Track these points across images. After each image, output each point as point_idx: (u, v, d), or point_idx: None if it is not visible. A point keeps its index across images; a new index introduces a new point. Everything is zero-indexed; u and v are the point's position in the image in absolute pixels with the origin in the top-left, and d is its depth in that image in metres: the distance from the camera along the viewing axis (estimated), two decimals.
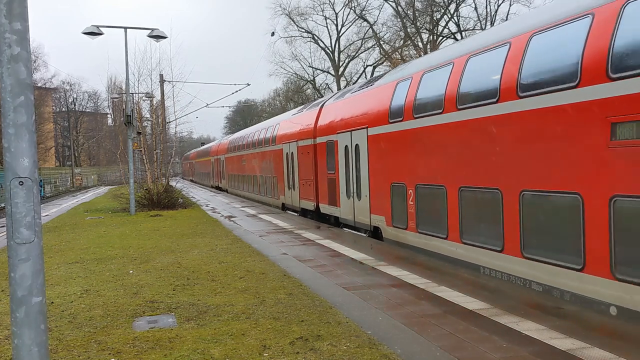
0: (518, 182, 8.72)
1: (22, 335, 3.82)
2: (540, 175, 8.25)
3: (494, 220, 9.26)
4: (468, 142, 10.17)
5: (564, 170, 7.78)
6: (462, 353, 5.64)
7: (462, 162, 10.36)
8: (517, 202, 8.68)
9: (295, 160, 21.75)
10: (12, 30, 3.75)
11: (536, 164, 8.32)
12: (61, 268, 11.24)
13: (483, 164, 9.70)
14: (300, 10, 53.80)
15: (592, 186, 7.20)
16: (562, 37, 7.94)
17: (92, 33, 22.84)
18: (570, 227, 7.53)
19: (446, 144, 10.90)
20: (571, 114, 7.57)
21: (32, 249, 3.84)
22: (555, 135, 7.94)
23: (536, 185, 8.33)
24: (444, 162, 11.04)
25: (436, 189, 11.22)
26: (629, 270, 6.64)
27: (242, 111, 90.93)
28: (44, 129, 66.77)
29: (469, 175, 10.14)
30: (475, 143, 9.92)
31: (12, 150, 3.77)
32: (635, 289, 6.53)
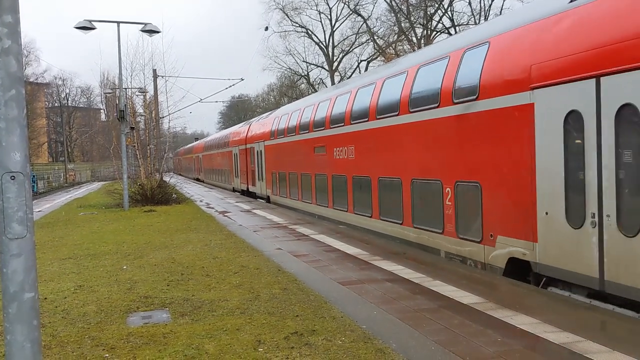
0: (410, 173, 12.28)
1: (14, 332, 3.79)
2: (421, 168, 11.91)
3: (398, 202, 12.66)
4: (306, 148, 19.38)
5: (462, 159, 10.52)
6: (457, 347, 5.65)
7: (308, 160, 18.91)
8: (407, 189, 12.27)
9: (238, 159, 33.27)
10: (2, 23, 3.70)
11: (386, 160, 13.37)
12: (54, 264, 11.18)
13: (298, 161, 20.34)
14: (294, 4, 53.69)
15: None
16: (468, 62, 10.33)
17: (84, 28, 22.68)
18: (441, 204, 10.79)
19: (295, 150, 20.48)
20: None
21: (24, 244, 3.80)
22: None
23: (422, 175, 11.77)
24: (297, 157, 20.41)
25: (296, 173, 20.81)
26: (463, 231, 10.13)
27: (236, 106, 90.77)
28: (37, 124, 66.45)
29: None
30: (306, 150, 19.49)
31: (3, 145, 3.73)
32: (464, 243, 10.04)
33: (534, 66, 8.26)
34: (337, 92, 17.52)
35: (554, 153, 7.84)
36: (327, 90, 22.04)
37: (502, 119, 8.95)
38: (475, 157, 9.77)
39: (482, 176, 9.57)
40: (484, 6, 41.51)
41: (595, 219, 7.14)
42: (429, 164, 11.39)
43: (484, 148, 9.50)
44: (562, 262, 7.74)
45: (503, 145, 8.98)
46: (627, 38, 6.72)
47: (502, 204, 9.03)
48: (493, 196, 9.31)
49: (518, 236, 8.62)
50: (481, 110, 9.50)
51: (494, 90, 9.15)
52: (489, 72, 9.33)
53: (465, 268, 9.56)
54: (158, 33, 24.00)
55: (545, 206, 8.01)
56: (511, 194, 8.80)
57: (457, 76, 10.26)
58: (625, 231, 6.68)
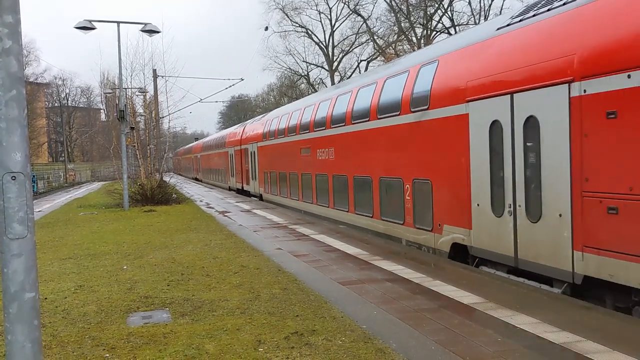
0: (375, 171, 13.88)
1: (15, 331, 3.79)
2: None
3: (369, 198, 14.19)
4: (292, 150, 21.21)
5: (401, 161, 12.51)
6: (457, 347, 5.65)
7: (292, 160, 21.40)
8: (376, 186, 13.78)
9: (233, 159, 35.05)
10: (3, 23, 3.70)
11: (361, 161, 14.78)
12: (54, 264, 11.19)
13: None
14: (294, 4, 53.71)
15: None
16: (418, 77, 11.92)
17: (84, 28, 22.68)
18: (417, 202, 11.77)
19: (284, 151, 22.65)
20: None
21: (25, 244, 3.81)
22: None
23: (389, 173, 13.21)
24: (286, 158, 22.27)
25: (286, 172, 22.56)
26: (420, 222, 11.59)
27: (236, 106, 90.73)
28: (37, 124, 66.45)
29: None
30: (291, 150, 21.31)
31: (3, 145, 3.73)
32: (420, 232, 11.59)
33: (469, 82, 9.77)
34: (320, 97, 19.38)
35: (482, 155, 9.40)
36: (312, 96, 23.68)
37: (446, 126, 10.48)
38: (427, 158, 11.34)
39: (433, 174, 11.14)
40: (484, 6, 41.56)
41: (511, 209, 8.68)
42: (392, 164, 12.95)
43: (433, 150, 11.08)
44: (489, 245, 9.33)
45: (447, 148, 10.52)
46: (531, 63, 8.34)
47: (447, 198, 10.59)
48: (441, 191, 10.86)
49: (458, 225, 10.22)
50: (431, 119, 11.05)
51: (440, 101, 10.70)
52: (437, 86, 10.89)
53: (465, 268, 9.57)
54: (158, 33, 24.01)
55: (477, 199, 9.59)
56: (453, 189, 10.34)
57: (414, 88, 11.78)
58: (531, 218, 8.23)
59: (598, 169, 7.15)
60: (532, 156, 8.30)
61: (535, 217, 8.18)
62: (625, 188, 6.73)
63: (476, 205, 9.58)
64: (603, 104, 7.04)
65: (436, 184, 11.00)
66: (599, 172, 7.15)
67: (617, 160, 6.87)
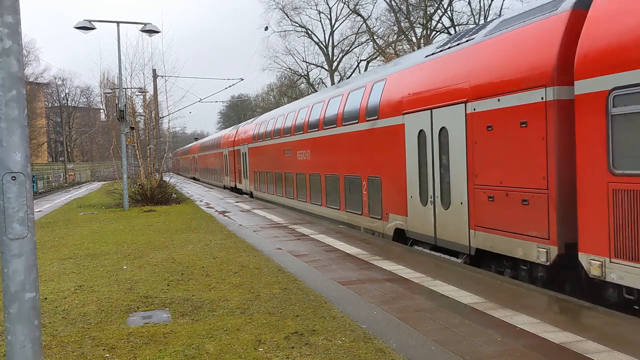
0: (341, 170, 16.23)
1: (15, 332, 3.79)
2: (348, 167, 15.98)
3: (337, 193, 16.61)
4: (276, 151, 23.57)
5: (359, 161, 14.70)
6: (457, 347, 5.65)
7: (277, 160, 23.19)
8: (341, 183, 16.14)
9: (227, 159, 37.48)
10: (3, 23, 3.70)
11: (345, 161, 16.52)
12: (54, 264, 11.19)
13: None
14: (294, 4, 53.64)
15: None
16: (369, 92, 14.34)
17: (84, 27, 22.66)
18: (370, 196, 14.10)
19: (270, 152, 24.87)
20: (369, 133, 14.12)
21: (25, 244, 3.81)
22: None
23: (351, 172, 15.45)
24: (272, 158, 24.41)
25: (272, 171, 24.65)
26: (373, 212, 13.96)
27: (236, 106, 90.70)
28: (36, 124, 66.40)
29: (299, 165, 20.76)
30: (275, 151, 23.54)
31: (4, 145, 3.73)
32: (373, 220, 13.93)
33: (404, 98, 12.16)
34: (300, 105, 21.79)
35: (413, 157, 11.78)
36: (294, 103, 26.02)
37: (390, 133, 12.80)
38: (378, 159, 13.63)
39: (382, 172, 13.48)
40: (484, 6, 41.53)
41: (432, 199, 11.13)
42: (353, 164, 15.24)
43: (382, 152, 13.36)
44: (418, 229, 11.77)
45: (391, 151, 12.82)
46: (443, 85, 10.70)
47: (392, 192, 12.90)
48: (387, 186, 13.17)
49: (399, 213, 12.63)
50: (380, 127, 13.38)
51: (386, 113, 13.02)
52: (384, 100, 13.21)
53: (465, 268, 9.59)
54: (158, 33, 23.99)
55: (410, 192, 12.00)
56: (396, 184, 12.64)
57: (368, 101, 14.11)
58: (444, 206, 10.70)
59: (482, 167, 9.52)
60: (444, 158, 10.67)
61: (446, 205, 10.61)
62: (497, 181, 9.16)
63: (410, 197, 11.99)
64: (484, 120, 9.40)
65: (384, 179, 13.36)
66: (483, 170, 9.52)
67: (493, 161, 9.25)
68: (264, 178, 26.62)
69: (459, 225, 10.20)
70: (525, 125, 8.52)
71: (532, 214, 8.43)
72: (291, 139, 21.17)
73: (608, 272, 7.09)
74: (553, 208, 8.04)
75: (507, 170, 8.95)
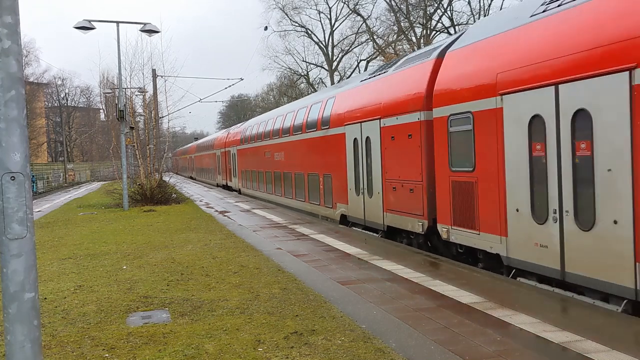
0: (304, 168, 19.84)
1: (14, 332, 3.79)
2: (312, 166, 19.12)
3: (303, 188, 20.09)
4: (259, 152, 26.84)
5: (317, 162, 18.12)
6: (457, 346, 5.65)
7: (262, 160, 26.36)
8: (306, 179, 19.50)
9: (220, 159, 41.31)
10: (2, 23, 3.70)
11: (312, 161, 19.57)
12: (54, 264, 11.19)
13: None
14: (294, 4, 53.63)
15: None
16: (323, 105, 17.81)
17: (84, 27, 22.65)
18: (325, 189, 17.47)
19: (254, 154, 28.42)
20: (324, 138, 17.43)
21: (24, 244, 3.81)
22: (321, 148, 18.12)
23: (314, 170, 18.77)
24: (255, 159, 27.76)
25: (255, 170, 27.99)
26: (327, 202, 17.25)
27: (236, 106, 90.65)
28: (36, 124, 66.38)
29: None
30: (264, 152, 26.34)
31: (3, 145, 3.73)
32: (327, 209, 17.27)
33: (346, 113, 15.60)
34: (278, 113, 25.78)
35: (351, 158, 15.11)
36: (273, 112, 29.84)
37: (337, 140, 16.18)
38: (329, 160, 17.01)
39: (332, 170, 16.88)
40: (484, 5, 41.50)
41: (362, 191, 14.60)
42: (313, 164, 18.73)
43: (332, 155, 16.71)
44: (354, 214, 15.35)
45: (337, 153, 16.19)
46: (368, 105, 14.07)
47: (339, 186, 16.34)
48: (336, 181, 16.62)
49: (343, 202, 16.09)
50: (331, 134, 16.84)
51: (335, 123, 16.49)
52: (334, 114, 16.72)
53: (464, 267, 9.59)
54: (157, 33, 23.98)
55: (349, 185, 15.44)
56: (340, 180, 16.10)
57: (323, 113, 17.63)
58: (369, 195, 14.12)
59: (389, 166, 13.01)
60: (369, 160, 14.02)
61: (370, 195, 14.10)
62: (398, 176, 12.68)
63: (349, 189, 15.47)
64: (390, 132, 12.90)
65: (334, 177, 16.79)
66: (390, 168, 13.00)
67: (395, 162, 12.73)
68: (249, 176, 30.35)
69: (377, 210, 13.82)
70: (410, 137, 12.00)
71: (415, 199, 11.96)
72: (270, 142, 24.79)
73: (450, 235, 10.56)
74: (425, 194, 11.56)
75: (402, 168, 12.45)
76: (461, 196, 10.04)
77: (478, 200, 9.61)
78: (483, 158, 9.40)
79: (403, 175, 12.34)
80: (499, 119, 8.88)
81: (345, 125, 15.39)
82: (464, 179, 9.97)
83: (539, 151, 8.07)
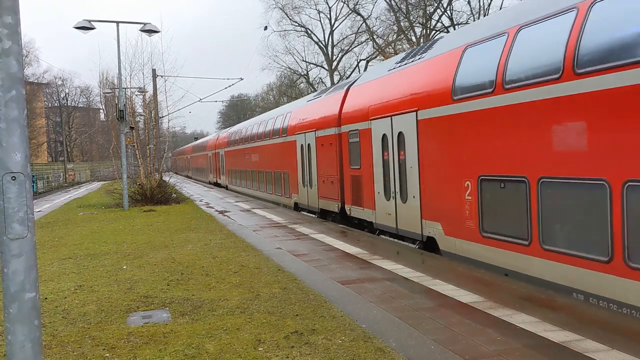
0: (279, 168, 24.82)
1: (15, 332, 3.79)
2: (270, 165, 25.52)
3: (271, 183, 25.17)
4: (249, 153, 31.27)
5: (280, 162, 23.55)
6: (457, 346, 5.66)
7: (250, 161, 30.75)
8: (273, 176, 24.91)
9: (211, 160, 46.59)
10: (2, 23, 3.70)
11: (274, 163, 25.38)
12: (54, 264, 11.19)
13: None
14: (294, 3, 53.62)
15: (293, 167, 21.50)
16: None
17: (84, 27, 22.65)
18: (285, 183, 22.65)
19: (237, 155, 34.11)
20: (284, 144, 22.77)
21: (25, 244, 3.80)
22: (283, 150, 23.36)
23: (278, 168, 24.09)
24: (238, 159, 33.57)
25: (238, 169, 33.96)
26: (285, 193, 22.86)
27: (236, 106, 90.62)
28: (36, 124, 66.37)
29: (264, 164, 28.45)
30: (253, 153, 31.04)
31: (3, 145, 3.73)
32: (286, 199, 22.71)
33: (296, 124, 20.39)
34: (255, 121, 31.60)
35: (300, 159, 19.78)
36: (253, 119, 35.62)
37: (291, 145, 20.97)
38: (287, 160, 21.66)
39: (289, 168, 21.58)
40: (483, 5, 41.47)
41: (306, 184, 19.18)
42: (277, 164, 23.79)
43: (288, 157, 21.38)
44: (302, 201, 20.07)
45: (292, 156, 20.82)
46: (309, 120, 19.10)
47: (292, 180, 21.14)
48: (291, 177, 21.36)
49: (295, 193, 20.92)
50: (288, 141, 21.50)
51: (290, 132, 21.20)
52: (290, 124, 21.50)
53: (464, 267, 9.58)
54: (157, 33, 23.98)
55: (299, 180, 20.08)
56: (294, 176, 20.91)
57: (283, 124, 22.63)
58: (309, 187, 19.00)
59: (321, 165, 17.65)
60: (311, 160, 18.58)
61: (311, 186, 18.88)
62: (325, 173, 17.10)
63: (299, 183, 20.21)
64: (320, 141, 17.66)
65: (290, 173, 21.60)
66: (321, 167, 17.67)
67: (324, 162, 17.28)
68: (234, 174, 36.24)
69: (315, 197, 18.61)
70: (331, 145, 16.71)
71: (334, 189, 16.69)
72: (248, 145, 30.09)
73: (351, 212, 15.54)
74: (339, 185, 16.26)
75: (327, 167, 17.20)
76: (354, 185, 15.16)
77: (362, 187, 14.59)
78: (364, 160, 14.33)
79: (328, 172, 17.21)
80: (370, 135, 13.79)
81: (296, 134, 20.45)
82: (355, 173, 15.04)
83: (385, 156, 12.99)
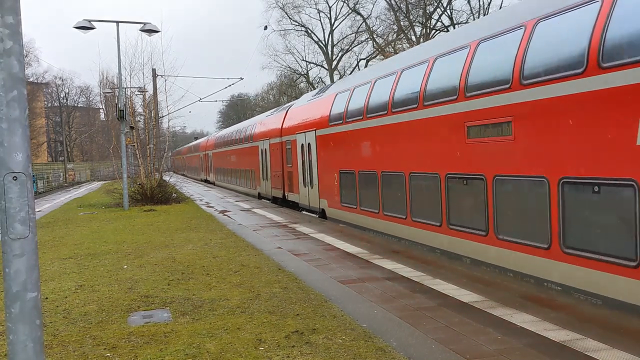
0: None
1: (17, 331, 3.79)
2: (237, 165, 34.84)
3: (246, 179, 32.24)
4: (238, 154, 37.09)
5: (248, 162, 31.13)
6: (458, 345, 5.67)
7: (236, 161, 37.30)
8: (245, 173, 32.69)
9: (202, 159, 53.55)
10: (3, 24, 3.69)
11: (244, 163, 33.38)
12: (55, 263, 11.20)
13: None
14: (294, 3, 53.55)
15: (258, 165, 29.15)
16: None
17: (84, 27, 22.64)
18: (253, 179, 29.92)
19: (222, 155, 41.68)
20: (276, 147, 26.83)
21: (27, 244, 3.80)
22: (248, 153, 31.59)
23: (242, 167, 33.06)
24: (223, 159, 41.12)
25: (223, 168, 42.03)
26: (253, 186, 30.55)
27: (236, 105, 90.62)
28: (36, 124, 66.36)
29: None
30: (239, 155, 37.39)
31: (5, 145, 3.72)
32: (254, 190, 29.91)
33: (257, 133, 27.96)
34: (234, 129, 38.62)
35: (261, 160, 26.89)
36: (232, 127, 42.74)
37: (255, 149, 27.95)
38: (253, 161, 28.56)
39: (254, 167, 28.51)
40: (483, 4, 41.47)
41: (265, 177, 26.60)
42: (247, 163, 30.26)
43: (254, 158, 28.17)
44: (263, 191, 27.33)
45: (256, 157, 27.76)
46: (267, 130, 26.16)
47: (257, 176, 28.01)
48: (256, 174, 28.43)
49: (259, 185, 28.09)
50: (253, 145, 28.31)
51: (255, 139, 28.10)
52: (255, 133, 28.59)
53: (464, 267, 9.59)
54: (157, 32, 23.98)
55: (261, 175, 27.45)
56: (257, 172, 27.98)
57: (251, 132, 29.52)
58: (266, 181, 26.50)
59: (272, 165, 24.58)
60: (269, 161, 24.97)
61: (267, 180, 26.02)
62: (274, 170, 24.27)
63: (261, 178, 26.84)
64: (272, 147, 24.45)
65: (255, 171, 28.10)
66: (272, 166, 24.60)
67: (273, 162, 24.56)
68: (220, 172, 42.95)
69: (269, 188, 25.18)
70: (278, 150, 22.67)
71: (280, 181, 23.01)
72: (229, 148, 36.72)
73: (288, 196, 22.12)
74: (282, 178, 22.53)
75: (275, 165, 23.43)
76: (289, 178, 21.52)
77: (293, 179, 20.77)
78: (294, 161, 20.61)
79: (276, 169, 23.64)
80: (296, 144, 20.00)
81: (257, 141, 27.36)
82: (290, 170, 21.29)
83: (303, 158, 19.22)
